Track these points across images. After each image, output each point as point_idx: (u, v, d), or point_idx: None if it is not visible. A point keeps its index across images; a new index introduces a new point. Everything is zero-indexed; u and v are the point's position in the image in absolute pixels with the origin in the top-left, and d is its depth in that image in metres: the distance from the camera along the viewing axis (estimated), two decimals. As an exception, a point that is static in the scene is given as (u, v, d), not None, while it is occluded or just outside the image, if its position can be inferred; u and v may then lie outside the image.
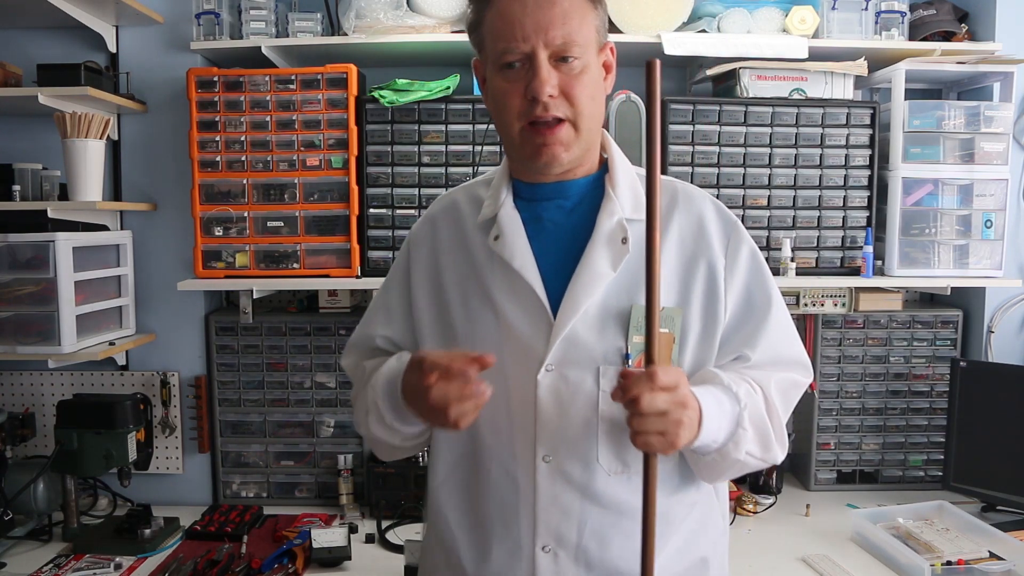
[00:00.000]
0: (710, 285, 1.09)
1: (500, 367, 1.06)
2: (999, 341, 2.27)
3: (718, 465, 1.05)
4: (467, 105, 2.05)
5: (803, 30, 2.08)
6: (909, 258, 2.10)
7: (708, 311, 1.09)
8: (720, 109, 2.06)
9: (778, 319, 1.11)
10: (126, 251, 2.21)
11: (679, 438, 0.92)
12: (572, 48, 1.01)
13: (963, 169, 2.10)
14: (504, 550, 1.09)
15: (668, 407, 0.90)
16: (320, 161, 2.05)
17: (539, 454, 1.06)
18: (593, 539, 1.06)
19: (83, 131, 1.96)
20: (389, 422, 1.10)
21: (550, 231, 1.11)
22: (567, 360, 1.05)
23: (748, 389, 1.05)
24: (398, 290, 1.21)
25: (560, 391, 1.06)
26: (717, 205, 1.14)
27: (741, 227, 1.13)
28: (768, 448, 1.06)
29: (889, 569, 1.78)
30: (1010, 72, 2.11)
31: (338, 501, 2.19)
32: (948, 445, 2.16)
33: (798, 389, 1.13)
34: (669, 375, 0.91)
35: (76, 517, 2.03)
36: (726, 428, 1.01)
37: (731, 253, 1.10)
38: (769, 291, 1.12)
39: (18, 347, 1.96)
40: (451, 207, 1.21)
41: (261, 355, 2.23)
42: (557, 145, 1.03)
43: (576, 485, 1.06)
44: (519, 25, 1.01)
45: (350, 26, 2.04)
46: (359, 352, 1.25)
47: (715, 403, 1.00)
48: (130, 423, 2.03)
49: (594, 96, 1.05)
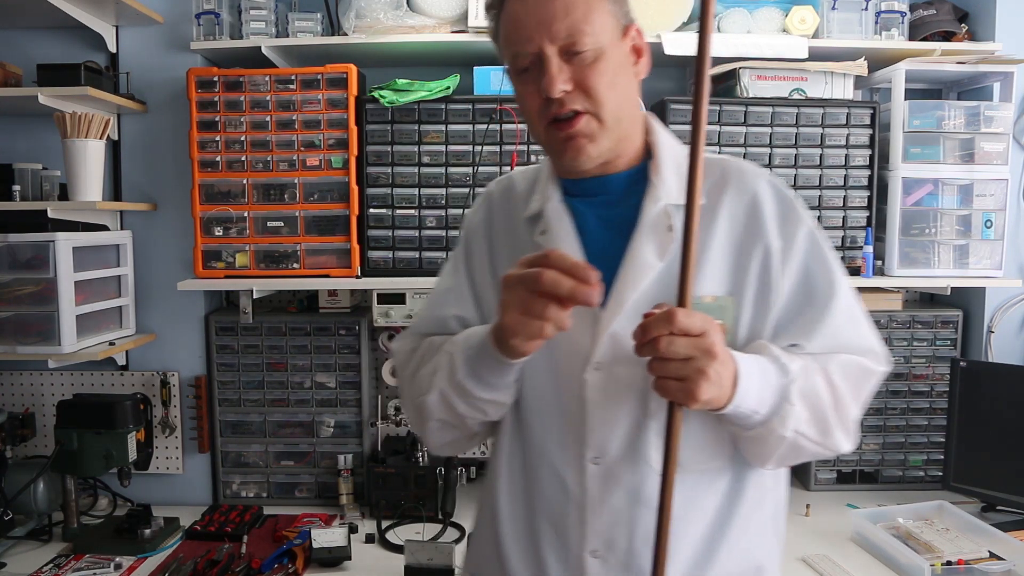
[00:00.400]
0: (763, 270, 1.02)
1: (548, 365, 1.05)
2: (999, 341, 2.27)
3: (764, 443, 0.97)
4: (467, 105, 2.05)
5: (803, 30, 2.08)
6: (909, 258, 2.11)
7: (760, 298, 1.02)
8: (720, 109, 2.06)
9: (843, 307, 1.03)
10: (126, 251, 2.21)
11: (700, 388, 0.86)
12: (580, 38, 0.96)
13: (963, 169, 2.09)
14: (553, 553, 1.06)
15: (691, 352, 0.85)
16: (320, 161, 2.05)
17: (588, 456, 1.02)
18: (645, 544, 1.00)
19: (83, 131, 1.97)
20: (461, 379, 1.02)
21: (597, 225, 1.07)
22: (615, 357, 1.01)
23: (803, 365, 0.98)
24: (464, 273, 1.17)
25: (609, 389, 1.01)
26: (773, 183, 1.07)
27: (799, 206, 1.06)
28: (827, 433, 0.99)
29: (889, 569, 1.78)
30: (1010, 72, 2.11)
31: (338, 501, 2.19)
32: (948, 445, 2.16)
33: (868, 375, 1.04)
34: (694, 319, 0.85)
35: (76, 517, 2.03)
36: (769, 399, 0.94)
37: (787, 235, 1.03)
38: (832, 276, 1.04)
39: (18, 347, 1.96)
40: (508, 190, 1.18)
41: (261, 355, 2.23)
42: (580, 138, 1.00)
43: (626, 488, 1.01)
44: (523, 27, 0.99)
45: (350, 26, 2.05)
46: (423, 337, 1.17)
47: (757, 369, 0.94)
48: (130, 423, 2.03)
49: (615, 83, 0.99)
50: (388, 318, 2.09)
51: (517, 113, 2.03)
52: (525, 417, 1.09)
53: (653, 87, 2.18)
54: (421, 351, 1.14)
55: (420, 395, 1.09)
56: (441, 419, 1.08)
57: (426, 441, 1.16)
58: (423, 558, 1.76)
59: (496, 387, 1.03)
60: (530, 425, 1.08)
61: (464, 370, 1.02)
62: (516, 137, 2.04)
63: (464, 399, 1.04)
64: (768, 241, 1.03)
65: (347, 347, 2.23)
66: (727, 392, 0.90)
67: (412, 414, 1.14)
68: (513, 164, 2.03)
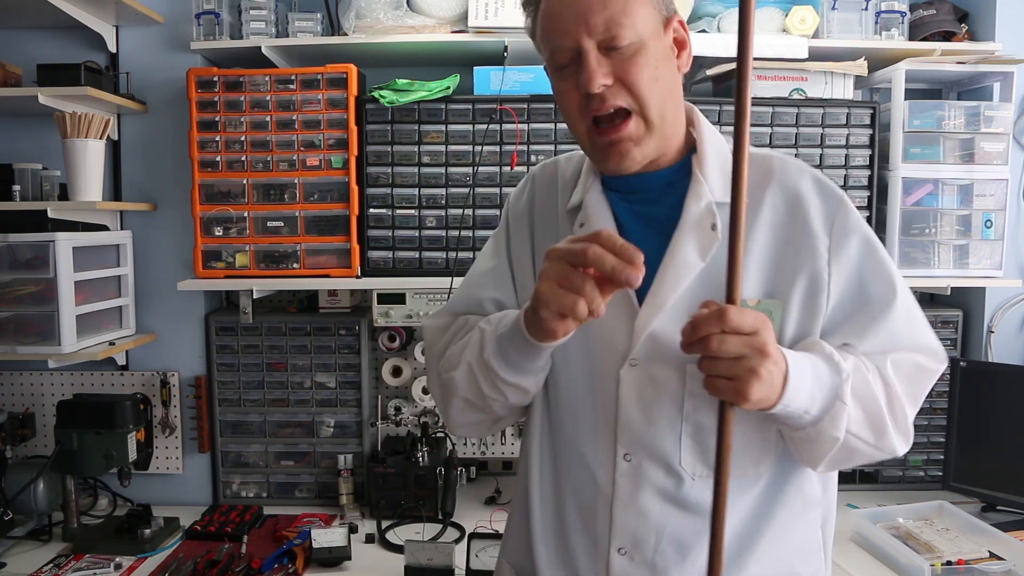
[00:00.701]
0: (812, 272, 0.99)
1: (585, 361, 1.04)
2: (999, 341, 2.27)
3: (815, 445, 0.94)
4: (467, 105, 2.05)
5: (803, 30, 2.08)
6: (909, 258, 2.11)
7: (808, 301, 0.99)
8: (720, 109, 2.06)
9: (902, 309, 1.00)
10: (126, 251, 2.21)
11: (751, 388, 0.82)
12: (619, 31, 0.93)
13: (963, 169, 2.09)
14: (581, 548, 1.05)
15: (743, 351, 0.82)
16: (320, 161, 2.05)
17: (619, 452, 1.01)
18: (672, 545, 1.00)
19: (83, 131, 1.96)
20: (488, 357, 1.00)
21: (635, 222, 1.05)
22: (652, 356, 0.99)
23: (857, 363, 0.96)
24: (505, 255, 1.15)
25: (643, 388, 1.00)
26: (817, 178, 1.03)
27: (849, 204, 1.02)
28: (882, 434, 0.96)
29: (889, 569, 1.78)
30: (1010, 72, 2.11)
31: (338, 501, 2.19)
32: (948, 445, 2.16)
33: (925, 374, 1.01)
34: (746, 317, 0.82)
35: (76, 517, 2.03)
36: (821, 399, 0.91)
37: (837, 234, 0.99)
38: (891, 278, 1.00)
39: (18, 347, 1.96)
40: (552, 177, 1.15)
41: (261, 355, 2.23)
42: (626, 142, 0.97)
43: (656, 487, 1.00)
44: (560, 21, 0.96)
45: (350, 26, 2.04)
46: (457, 316, 1.16)
47: (809, 367, 0.91)
48: (130, 423, 2.03)
49: (658, 76, 0.96)
50: (388, 318, 2.09)
51: (517, 113, 2.03)
52: (559, 411, 1.08)
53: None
54: (454, 329, 1.13)
55: (448, 371, 1.08)
56: (465, 397, 1.07)
57: (448, 419, 1.13)
58: (423, 558, 1.76)
59: (522, 371, 1.01)
60: (563, 419, 1.07)
61: (492, 348, 1.00)
62: (516, 137, 2.04)
63: (488, 379, 1.02)
64: (815, 242, 0.99)
65: (347, 347, 2.23)
66: (777, 391, 0.87)
67: (437, 390, 1.13)
68: (513, 164, 2.03)
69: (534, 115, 2.04)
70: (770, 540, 1.02)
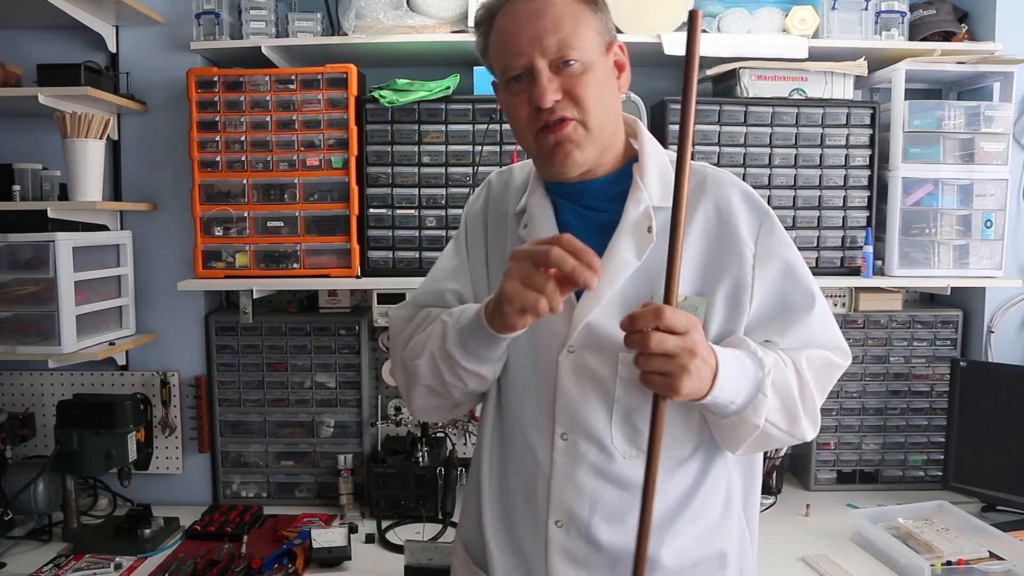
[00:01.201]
0: (736, 275, 1.08)
1: (529, 347, 1.12)
2: (999, 341, 2.27)
3: (736, 430, 1.04)
4: (467, 105, 2.05)
5: (803, 30, 2.08)
6: (909, 258, 2.11)
7: (733, 301, 1.08)
8: (720, 109, 2.06)
9: (818, 313, 1.11)
10: (126, 251, 2.21)
11: (682, 384, 0.92)
12: (569, 52, 1.03)
13: (963, 169, 2.10)
14: (523, 521, 1.14)
15: (676, 351, 0.91)
16: (320, 161, 2.05)
17: (557, 431, 1.10)
18: (604, 518, 1.09)
19: (83, 131, 1.97)
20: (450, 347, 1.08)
21: (577, 223, 1.13)
22: (588, 344, 1.08)
23: (777, 359, 1.05)
24: (462, 255, 1.24)
25: (579, 372, 1.09)
26: (746, 191, 1.12)
27: (772, 215, 1.11)
28: (795, 422, 1.06)
29: (889, 569, 1.78)
30: (1010, 72, 2.11)
31: (338, 501, 2.19)
32: (948, 445, 2.16)
33: (833, 368, 1.12)
34: (679, 317, 0.91)
35: (76, 517, 2.03)
36: (745, 391, 1.01)
37: (761, 241, 1.09)
38: (809, 286, 1.11)
39: (18, 347, 1.96)
40: (507, 183, 1.24)
41: (261, 355, 2.23)
42: (568, 143, 1.05)
43: (590, 464, 1.09)
44: (515, 41, 1.04)
45: (350, 26, 2.05)
46: (420, 308, 1.24)
47: (736, 364, 1.00)
48: (130, 423, 2.03)
49: (601, 94, 1.06)
50: (388, 318, 2.09)
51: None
52: (506, 394, 1.17)
53: (653, 87, 2.18)
54: (417, 320, 1.21)
55: (412, 359, 1.16)
56: (428, 385, 1.14)
57: (411, 405, 1.21)
58: (423, 558, 1.76)
59: (481, 360, 1.09)
60: (510, 401, 1.16)
61: (454, 338, 1.08)
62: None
63: (450, 367, 1.10)
64: (741, 247, 1.08)
65: (347, 347, 2.23)
66: (707, 385, 0.96)
67: (401, 377, 1.21)
68: (513, 164, 2.03)
69: (534, 115, 2.04)
70: (693, 516, 1.11)
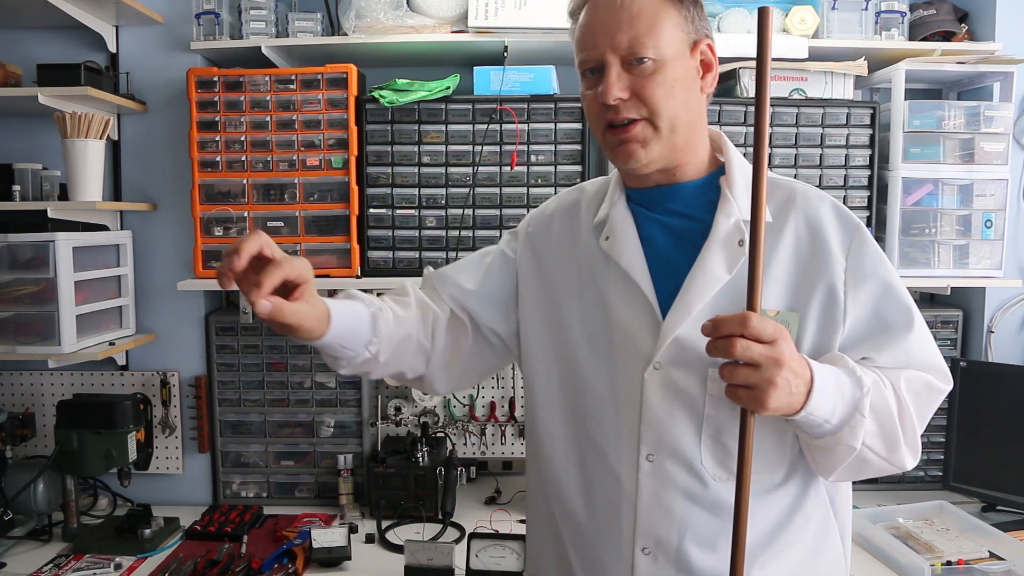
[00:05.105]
0: (829, 291, 1.04)
1: (608, 366, 1.09)
2: (999, 341, 2.27)
3: (831, 453, 0.99)
4: (467, 105, 2.05)
5: (803, 30, 2.08)
6: (909, 258, 2.10)
7: (825, 317, 1.04)
8: (720, 109, 2.06)
9: (916, 334, 1.05)
10: (126, 251, 2.21)
11: (769, 397, 0.88)
12: (642, 49, 1.01)
13: (963, 169, 2.09)
14: (606, 548, 1.09)
15: (762, 360, 0.87)
16: (320, 161, 2.05)
17: (643, 453, 1.06)
18: (694, 543, 1.04)
19: (83, 131, 1.96)
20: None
21: (661, 233, 1.11)
22: (676, 360, 1.04)
23: (876, 379, 1.00)
24: (499, 273, 1.23)
25: (666, 391, 1.05)
26: (836, 206, 1.09)
27: (864, 230, 1.08)
28: (895, 448, 1.00)
29: (889, 569, 1.78)
30: (1010, 72, 2.11)
31: (338, 501, 2.19)
32: (948, 445, 2.16)
33: (934, 393, 1.06)
34: (766, 324, 0.87)
35: (76, 517, 2.03)
36: (842, 410, 0.95)
37: (852, 256, 1.05)
38: (907, 303, 1.06)
39: (18, 347, 1.95)
40: (573, 205, 1.23)
41: (261, 355, 2.23)
42: (633, 143, 1.04)
43: (679, 487, 1.04)
44: (591, 34, 1.04)
45: (350, 26, 2.04)
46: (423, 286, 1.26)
47: (833, 380, 0.95)
48: (130, 423, 2.03)
49: (674, 94, 1.03)
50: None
51: (517, 113, 2.03)
52: (583, 416, 1.12)
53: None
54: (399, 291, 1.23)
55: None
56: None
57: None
58: (423, 558, 1.76)
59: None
60: (587, 424, 1.11)
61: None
62: (516, 137, 2.04)
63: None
64: (832, 262, 1.05)
65: (347, 347, 2.22)
66: (799, 399, 0.92)
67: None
68: (513, 164, 2.04)
69: (534, 115, 2.04)
70: (789, 543, 1.06)
